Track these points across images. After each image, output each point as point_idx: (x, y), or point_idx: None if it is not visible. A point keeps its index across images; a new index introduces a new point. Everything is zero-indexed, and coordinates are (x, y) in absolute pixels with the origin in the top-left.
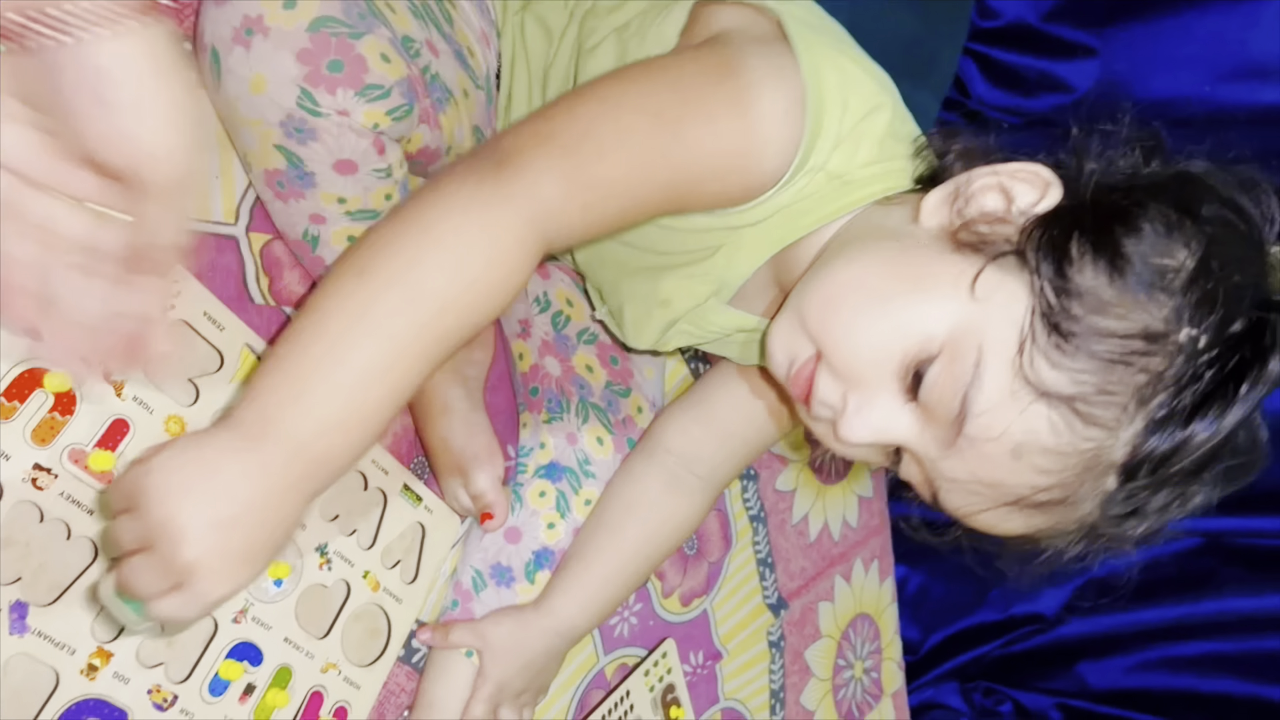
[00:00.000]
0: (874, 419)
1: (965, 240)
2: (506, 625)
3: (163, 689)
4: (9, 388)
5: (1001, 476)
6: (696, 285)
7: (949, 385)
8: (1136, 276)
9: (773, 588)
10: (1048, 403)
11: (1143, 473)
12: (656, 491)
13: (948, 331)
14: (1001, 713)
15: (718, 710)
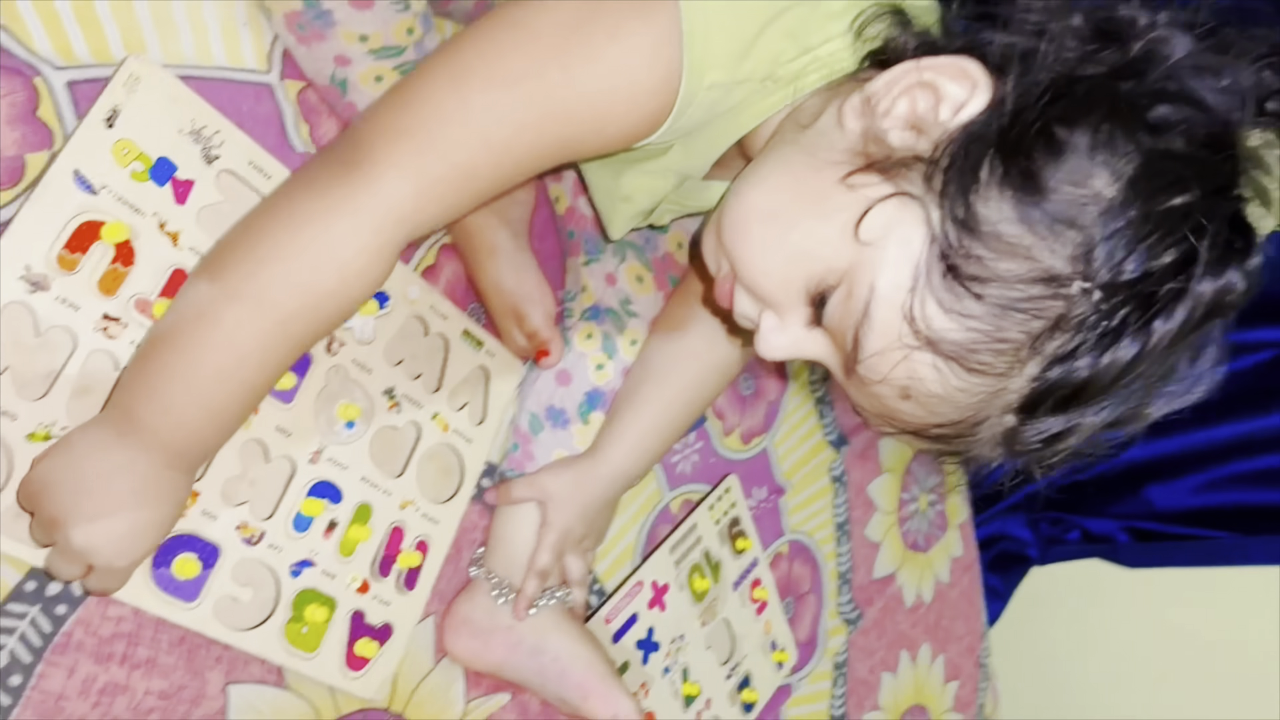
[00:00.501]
0: (784, 340)
1: (874, 156)
2: (565, 475)
3: (250, 525)
4: (70, 240)
5: (894, 411)
6: (656, 181)
7: (845, 318)
8: (1044, 209)
9: (832, 425)
10: (934, 351)
11: (1043, 410)
12: (697, 340)
13: (847, 263)
14: (1069, 540)
15: (784, 542)
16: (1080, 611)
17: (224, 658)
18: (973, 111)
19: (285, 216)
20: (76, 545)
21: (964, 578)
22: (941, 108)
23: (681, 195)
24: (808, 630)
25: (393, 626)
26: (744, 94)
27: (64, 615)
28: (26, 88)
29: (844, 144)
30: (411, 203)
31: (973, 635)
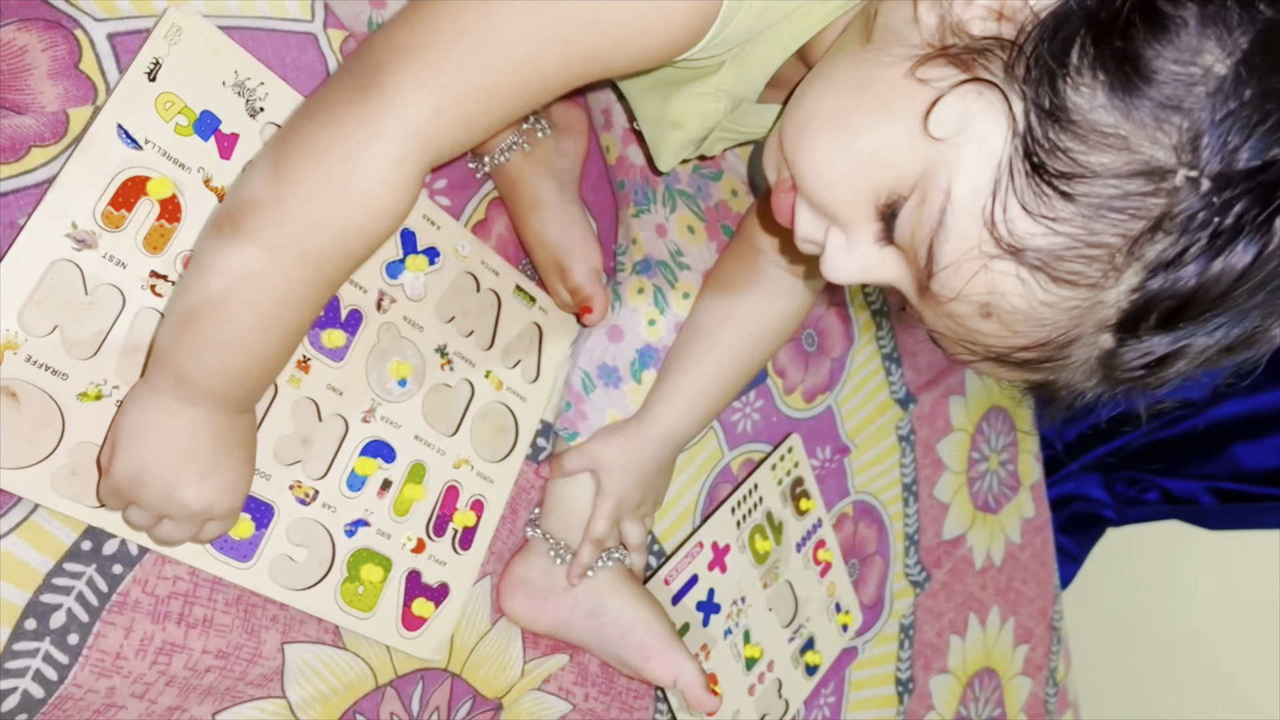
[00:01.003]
0: (852, 261)
1: (954, 51)
2: (615, 442)
3: (303, 484)
4: (115, 196)
5: (974, 334)
6: (707, 104)
7: (919, 230)
8: (1144, 93)
9: (900, 382)
10: (1017, 260)
11: (1148, 327)
12: (750, 294)
13: (920, 168)
14: (1147, 500)
15: (849, 503)
16: (1158, 574)
17: (280, 617)
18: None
19: (303, 151)
20: (197, 508)
21: (1036, 539)
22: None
23: (737, 120)
24: (873, 592)
25: (449, 586)
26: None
27: (120, 575)
28: (68, 40)
29: (918, 39)
30: (434, 123)
31: (1044, 598)
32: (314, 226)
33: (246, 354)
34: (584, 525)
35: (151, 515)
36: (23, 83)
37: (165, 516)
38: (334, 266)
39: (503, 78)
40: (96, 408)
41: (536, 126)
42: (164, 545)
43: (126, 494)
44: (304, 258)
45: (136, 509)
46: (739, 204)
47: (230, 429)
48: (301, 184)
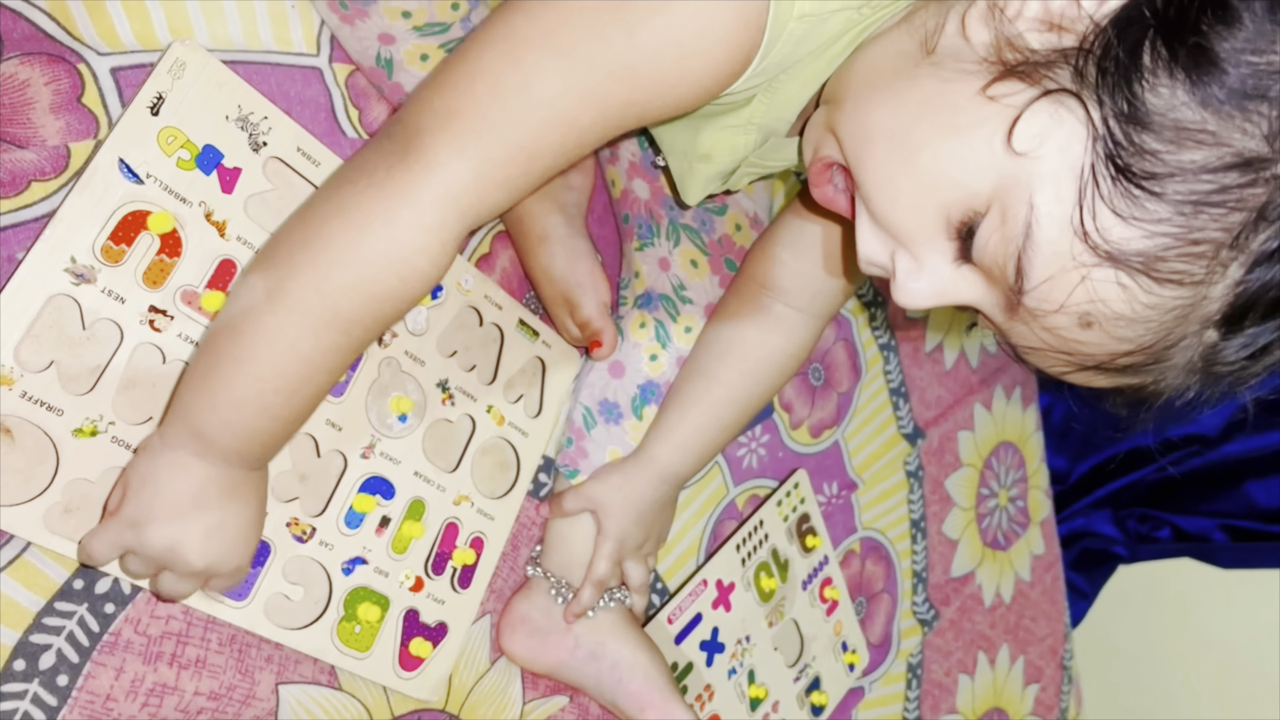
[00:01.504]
0: (925, 284)
1: (1012, 62)
2: (614, 480)
3: (300, 522)
4: (115, 230)
5: (1074, 345)
6: (737, 136)
7: (1002, 247)
8: (1225, 84)
9: (908, 417)
10: (1116, 266)
11: (1252, 319)
12: (751, 331)
13: (994, 184)
14: (1159, 538)
15: (856, 540)
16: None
17: (275, 657)
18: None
19: (341, 216)
20: (200, 566)
21: (1046, 576)
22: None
23: (763, 154)
24: (880, 631)
25: (448, 625)
26: (838, 25)
27: (112, 614)
28: (71, 74)
29: (973, 55)
30: (474, 190)
31: (1055, 636)
32: (348, 291)
33: (271, 414)
34: (585, 564)
35: (151, 565)
36: (24, 117)
37: (164, 568)
38: (365, 330)
39: (541, 138)
40: (91, 444)
41: None
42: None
43: (128, 540)
44: (336, 321)
45: (135, 557)
46: (743, 238)
47: (241, 485)
48: (339, 250)
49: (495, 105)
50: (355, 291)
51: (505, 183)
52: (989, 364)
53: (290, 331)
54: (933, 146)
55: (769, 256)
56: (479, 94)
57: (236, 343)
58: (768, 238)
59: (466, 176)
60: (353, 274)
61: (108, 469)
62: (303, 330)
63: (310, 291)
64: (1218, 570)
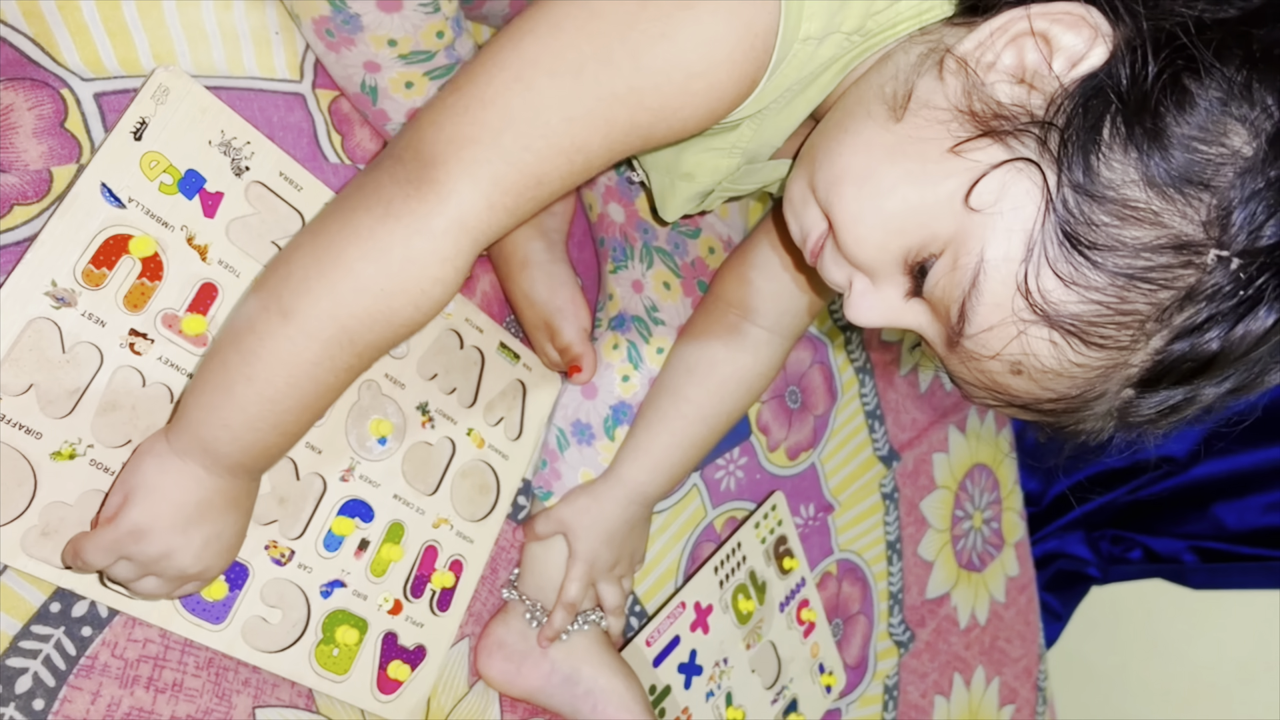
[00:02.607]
0: (876, 305)
1: (980, 114)
2: (582, 502)
3: (279, 545)
4: (96, 254)
5: (1003, 387)
6: (721, 159)
7: (949, 289)
8: (1174, 170)
9: (883, 440)
10: (1050, 325)
11: (1166, 383)
12: (719, 352)
13: (951, 232)
14: (1131, 559)
15: (833, 561)
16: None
17: (252, 680)
18: (1093, 64)
19: (358, 245)
20: (193, 571)
21: (1020, 598)
22: (1056, 60)
23: (738, 178)
24: (857, 652)
25: (426, 649)
26: (831, 51)
27: (90, 637)
28: (54, 99)
29: (944, 101)
30: (485, 217)
31: (1029, 657)
32: (365, 317)
33: (281, 430)
34: (559, 588)
35: (140, 571)
36: (7, 141)
37: (153, 574)
38: (376, 351)
39: (549, 163)
40: (70, 467)
41: None
42: (138, 598)
43: (124, 547)
44: (352, 345)
45: (126, 563)
46: (716, 261)
47: (242, 494)
48: (356, 277)
49: (507, 133)
50: (371, 317)
51: (515, 208)
52: None
53: (306, 355)
54: (900, 192)
55: (739, 277)
56: (491, 121)
57: (250, 364)
58: (738, 258)
59: (480, 205)
60: (369, 301)
61: (86, 492)
62: (318, 353)
63: (327, 317)
64: (1189, 591)
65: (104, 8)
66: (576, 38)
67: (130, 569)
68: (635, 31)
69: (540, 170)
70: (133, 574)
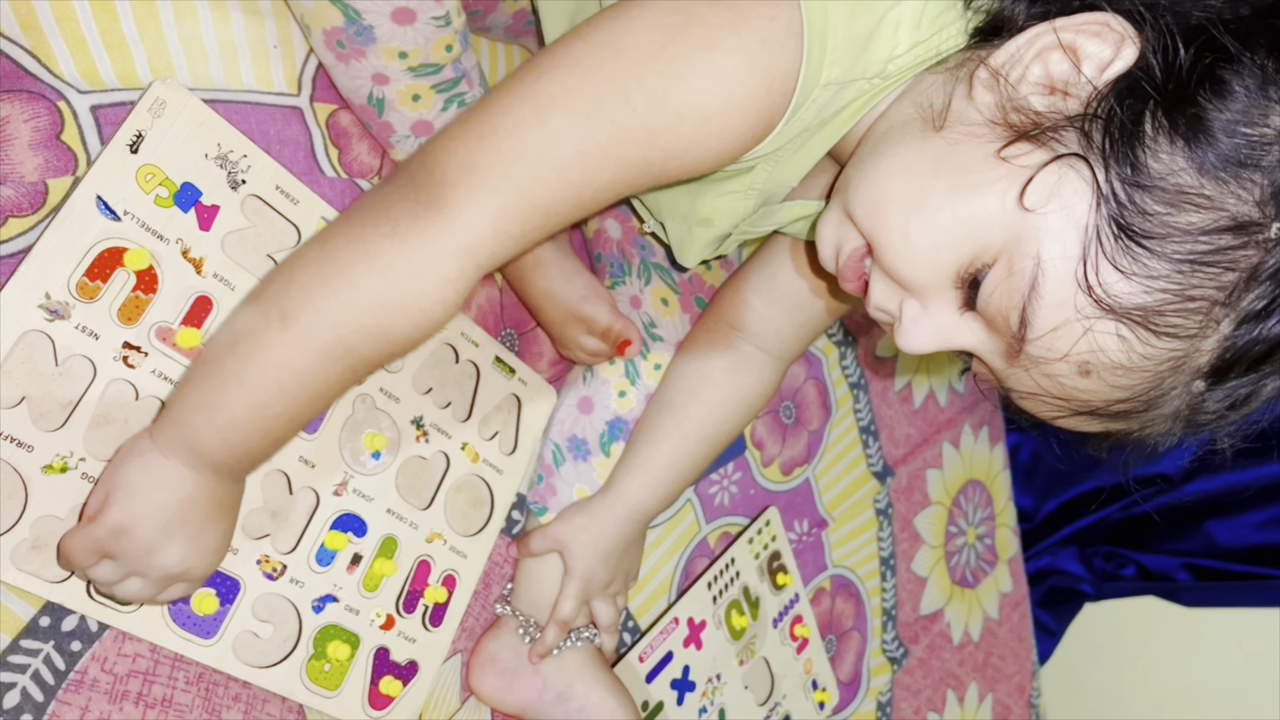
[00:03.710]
0: (930, 329)
1: (1018, 125)
2: (579, 520)
3: (271, 559)
4: (91, 267)
5: (1071, 392)
6: (737, 202)
7: (1006, 297)
8: (1221, 154)
9: (877, 455)
10: (1117, 319)
11: (1236, 372)
12: (720, 370)
13: (1003, 239)
14: (1124, 576)
15: (826, 577)
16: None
17: (242, 696)
18: (1122, 66)
19: (365, 260)
20: (177, 571)
21: (1013, 614)
22: (1085, 67)
23: (753, 221)
24: (850, 669)
25: (418, 664)
26: (850, 95)
27: (79, 652)
28: (50, 112)
29: (979, 116)
30: (491, 242)
31: (1023, 674)
32: (363, 331)
33: (268, 436)
34: (552, 604)
35: (123, 571)
36: (3, 153)
37: (136, 574)
38: (370, 365)
39: (558, 194)
40: (61, 480)
41: None
42: (123, 603)
43: (108, 546)
44: (347, 357)
45: (109, 563)
46: (713, 277)
47: (225, 495)
48: (359, 292)
49: (519, 163)
50: (369, 331)
51: (521, 236)
52: (957, 403)
53: (301, 362)
54: (948, 205)
55: (739, 299)
56: (504, 150)
57: (244, 367)
58: (739, 280)
59: (487, 232)
60: (371, 317)
61: (77, 505)
62: (313, 362)
63: (326, 328)
64: (1182, 608)
65: (102, 20)
66: (595, 76)
67: (113, 569)
68: (654, 72)
69: (549, 201)
70: (116, 575)
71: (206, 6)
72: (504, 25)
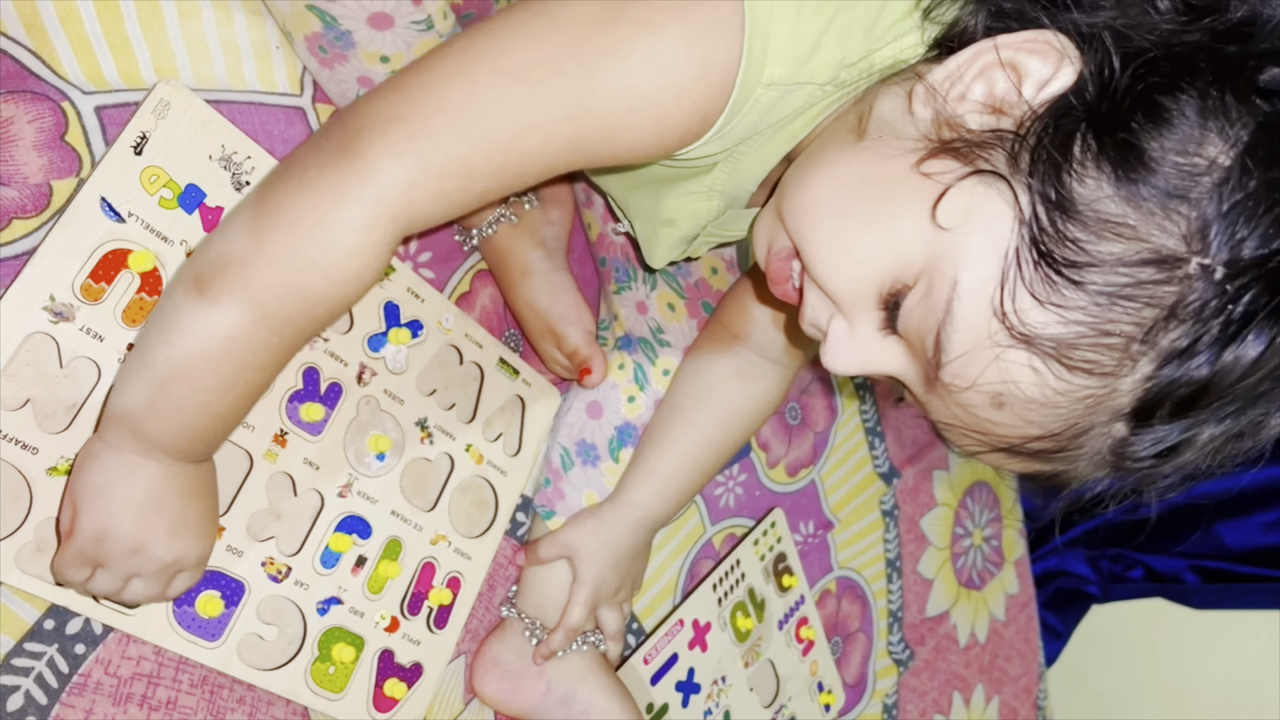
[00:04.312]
0: (853, 350)
1: (949, 142)
2: (589, 526)
3: (276, 561)
4: (95, 269)
5: (986, 424)
6: (700, 203)
7: (923, 319)
8: (1149, 181)
9: (883, 457)
10: (1029, 349)
11: (1160, 416)
12: (727, 379)
13: (924, 259)
14: (1131, 578)
15: (832, 579)
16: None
17: (247, 699)
18: (1061, 86)
19: (274, 214)
20: (168, 559)
21: (1020, 616)
22: (1025, 85)
23: (722, 225)
24: (856, 671)
25: (423, 666)
26: (802, 100)
27: (83, 655)
28: (55, 113)
29: (914, 132)
30: (407, 195)
31: (1029, 676)
32: (280, 290)
33: (208, 412)
34: (560, 606)
35: (119, 576)
36: (7, 154)
37: (134, 575)
38: (296, 330)
39: (481, 157)
40: (65, 483)
41: (523, 198)
42: (133, 606)
43: (93, 555)
44: (266, 320)
45: (104, 572)
46: (719, 281)
47: (193, 478)
48: (270, 247)
49: (438, 115)
50: (284, 290)
51: (440, 195)
52: None
53: (221, 329)
54: (869, 218)
55: (743, 309)
56: (424, 102)
57: (168, 341)
58: (742, 290)
59: (401, 182)
60: (281, 273)
61: None
62: (233, 328)
63: (239, 288)
64: (1190, 610)
65: (106, 21)
66: (530, 42)
67: (110, 577)
68: (590, 45)
69: (471, 161)
70: (115, 582)
71: (210, 7)
72: None
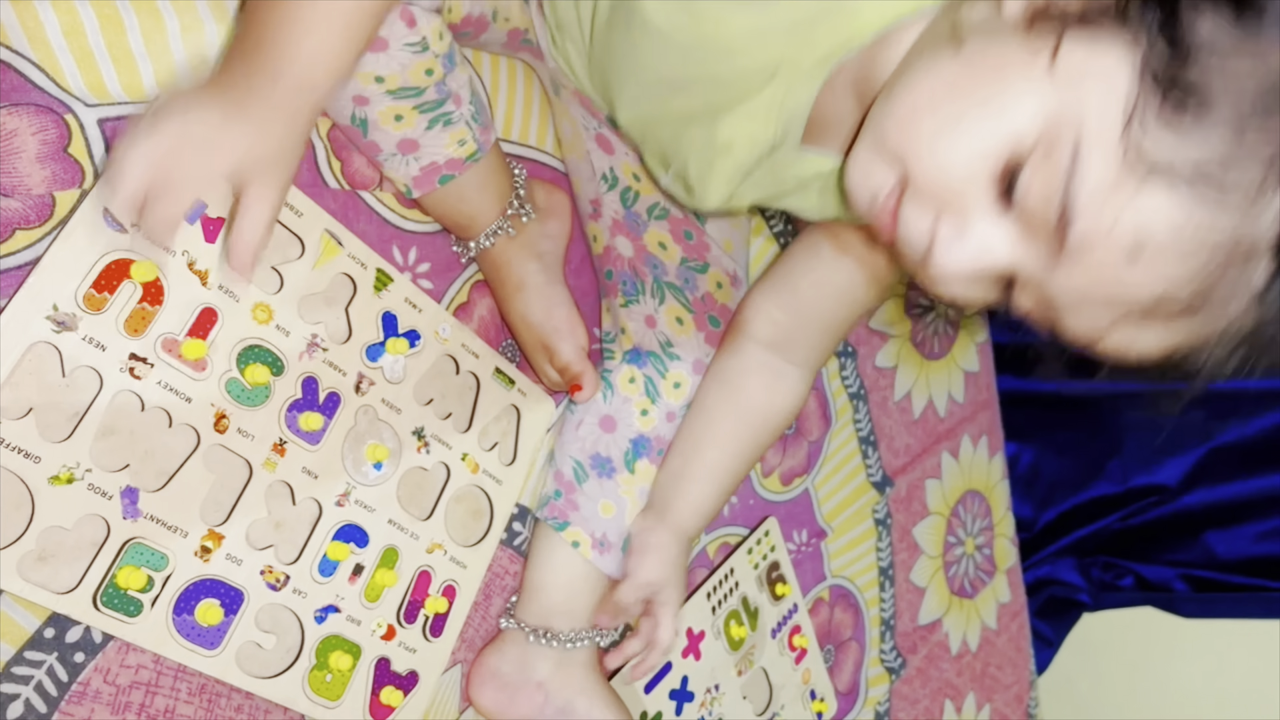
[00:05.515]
0: (970, 243)
1: (1048, 19)
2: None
3: (274, 570)
4: (98, 279)
5: (1120, 285)
6: (757, 125)
7: (1046, 184)
8: (1269, 14)
9: (876, 465)
10: (1164, 181)
11: None
12: (753, 389)
13: (1040, 125)
14: (1122, 586)
15: (825, 587)
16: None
17: (245, 707)
18: None
19: None
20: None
21: (1012, 624)
22: None
23: (776, 165)
24: (848, 679)
25: (419, 674)
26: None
27: (82, 663)
28: (58, 125)
29: (1009, 27)
30: None
31: (1020, 684)
32: None
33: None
34: (564, 612)
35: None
36: (10, 165)
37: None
38: None
39: None
40: (67, 491)
41: (521, 211)
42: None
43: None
44: None
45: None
46: (724, 295)
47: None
48: None
49: None
50: None
51: None
52: (956, 413)
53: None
54: (976, 100)
55: (763, 314)
56: None
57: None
58: (760, 294)
59: None
60: None
61: (83, 516)
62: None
63: None
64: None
65: (109, 34)
66: None
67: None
68: None
69: None
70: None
71: (212, 21)
72: (500, 42)
